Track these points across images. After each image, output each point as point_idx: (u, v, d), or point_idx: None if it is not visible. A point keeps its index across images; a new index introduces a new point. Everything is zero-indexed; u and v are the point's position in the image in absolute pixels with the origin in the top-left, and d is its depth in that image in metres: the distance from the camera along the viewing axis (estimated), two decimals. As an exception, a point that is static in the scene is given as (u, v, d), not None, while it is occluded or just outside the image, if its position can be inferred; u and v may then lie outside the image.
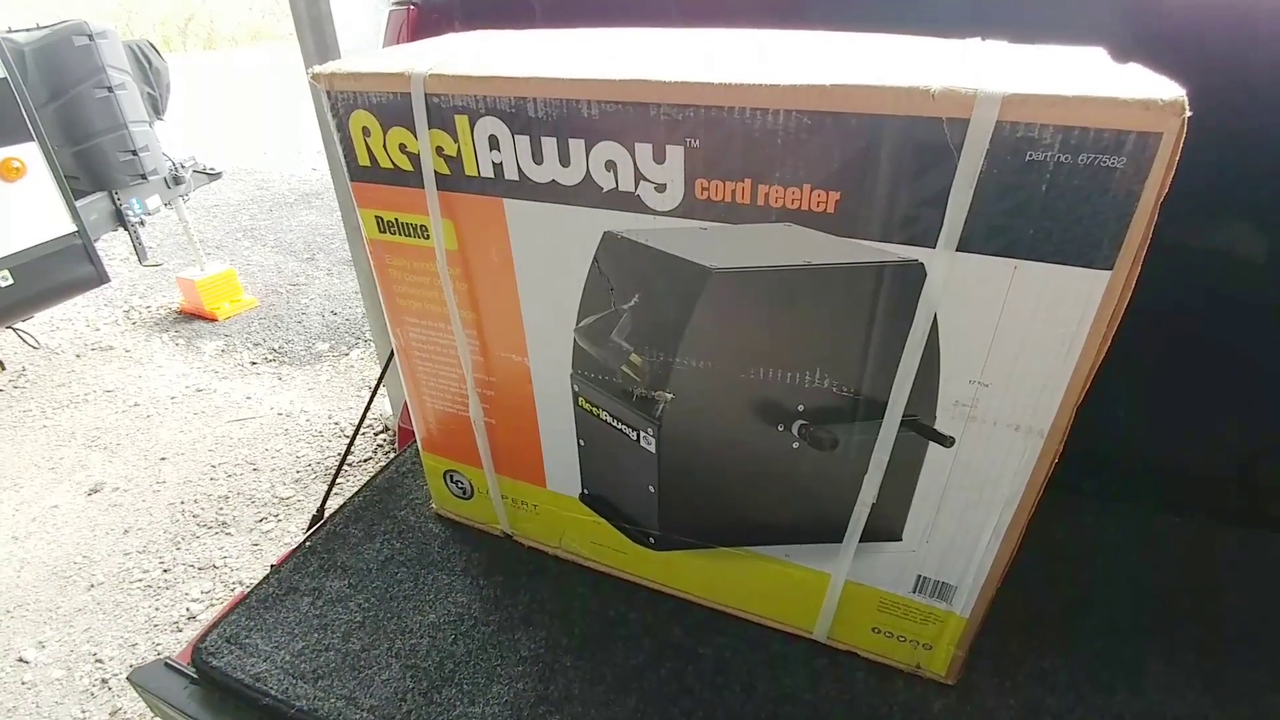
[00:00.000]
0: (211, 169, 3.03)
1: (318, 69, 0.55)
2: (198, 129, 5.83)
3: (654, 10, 0.85)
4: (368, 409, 1.05)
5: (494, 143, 0.52)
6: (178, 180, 2.80)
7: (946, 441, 0.50)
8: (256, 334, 2.93)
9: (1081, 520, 0.81)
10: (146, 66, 2.73)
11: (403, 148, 0.55)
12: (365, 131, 0.56)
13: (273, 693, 0.63)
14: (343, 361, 2.72)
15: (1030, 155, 0.39)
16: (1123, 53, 0.48)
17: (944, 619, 0.59)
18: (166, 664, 0.69)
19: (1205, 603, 0.72)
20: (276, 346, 2.83)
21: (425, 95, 0.52)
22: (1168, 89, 0.37)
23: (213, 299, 3.01)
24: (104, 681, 1.57)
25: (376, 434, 2.26)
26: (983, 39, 0.54)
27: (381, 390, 2.12)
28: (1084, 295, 0.41)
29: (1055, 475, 0.49)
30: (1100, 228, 0.39)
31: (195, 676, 0.67)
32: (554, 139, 0.50)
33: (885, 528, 0.56)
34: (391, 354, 0.72)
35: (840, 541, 0.59)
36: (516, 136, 0.51)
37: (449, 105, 0.52)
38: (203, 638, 0.69)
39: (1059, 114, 0.37)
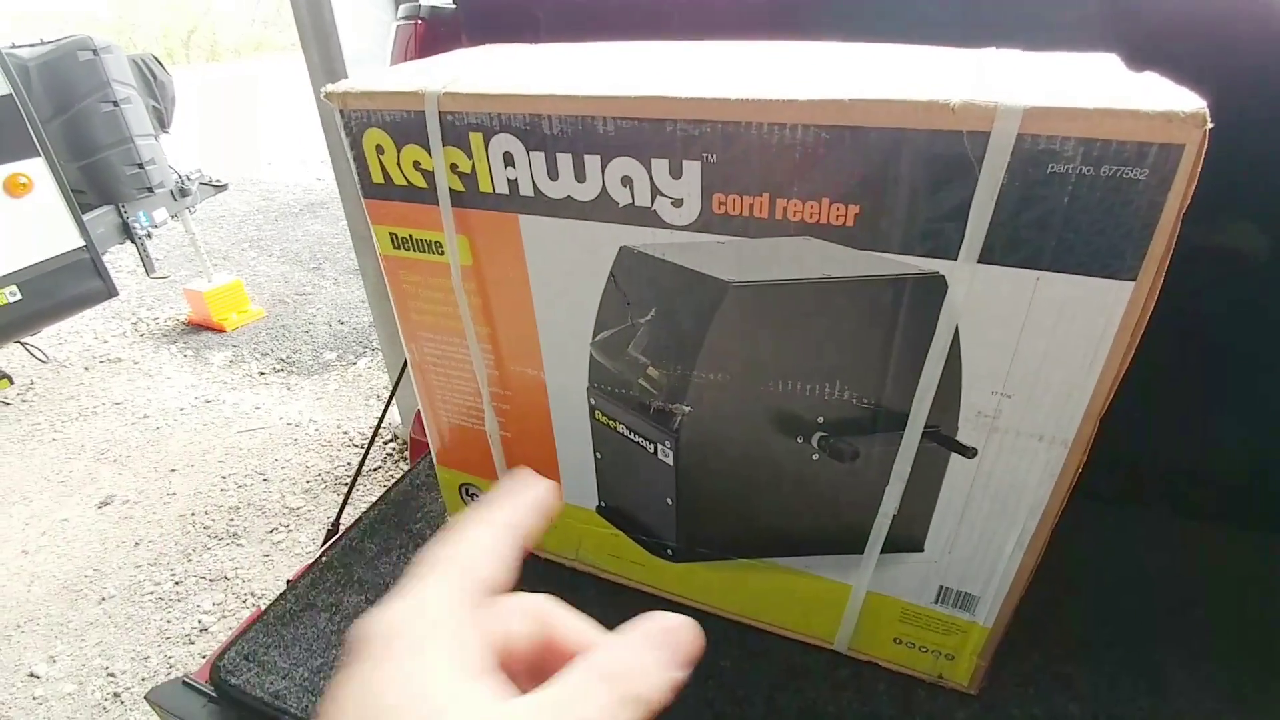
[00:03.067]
0: (217, 181, 3.05)
1: (331, 88, 0.55)
2: (203, 141, 5.85)
3: (658, 23, 0.85)
4: (379, 424, 1.05)
5: (509, 159, 0.52)
6: (184, 192, 2.82)
7: (969, 453, 0.50)
8: (264, 344, 2.94)
9: (1103, 527, 0.81)
10: (151, 80, 2.75)
11: (417, 165, 0.55)
12: (379, 149, 0.56)
13: (292, 710, 0.63)
14: (351, 371, 2.72)
15: (1052, 167, 0.39)
16: (1135, 58, 0.48)
17: (966, 629, 0.59)
18: (184, 682, 0.69)
19: (1230, 610, 0.71)
20: (284, 356, 2.84)
21: (439, 113, 0.52)
22: (1189, 100, 0.36)
23: (220, 310, 3.03)
24: (116, 695, 1.57)
25: (386, 443, 2.26)
26: (996, 48, 0.54)
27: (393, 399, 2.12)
28: (1107, 306, 0.41)
29: (1079, 481, 0.49)
30: (1123, 239, 0.39)
31: (214, 694, 0.67)
32: (569, 155, 0.50)
33: (907, 538, 0.56)
34: (404, 366, 0.72)
35: (861, 552, 0.58)
36: (531, 153, 0.51)
37: (463, 123, 0.52)
38: (220, 655, 0.69)
39: (1081, 126, 0.37)
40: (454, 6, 0.97)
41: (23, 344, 2.73)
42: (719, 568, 0.67)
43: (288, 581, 0.77)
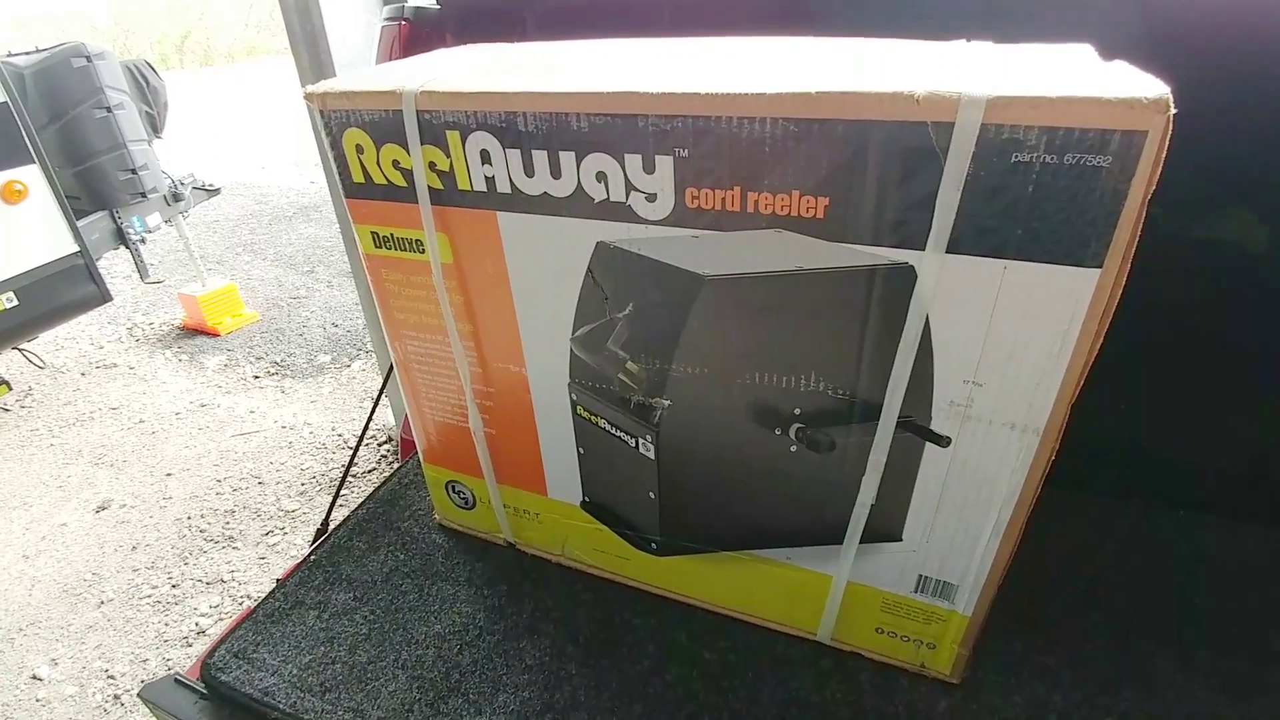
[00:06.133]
0: (210, 185, 3.05)
1: (310, 88, 0.56)
2: (196, 145, 5.86)
3: (643, 20, 0.86)
4: (368, 424, 1.06)
5: (486, 157, 0.52)
6: (177, 197, 2.82)
7: (943, 441, 0.50)
8: (258, 348, 2.94)
9: (1086, 517, 0.81)
10: (144, 85, 2.75)
11: (396, 164, 0.56)
12: (359, 149, 0.57)
13: (281, 706, 0.64)
14: (344, 373, 2.72)
15: (1016, 156, 0.39)
16: (1111, 48, 0.48)
17: (947, 618, 0.59)
18: (176, 680, 0.70)
19: (1210, 598, 0.72)
20: (279, 360, 2.84)
21: (417, 112, 0.52)
22: (1152, 86, 0.37)
23: (214, 314, 3.03)
24: (116, 698, 1.57)
25: (380, 444, 2.27)
26: (968, 40, 0.54)
27: (384, 401, 2.13)
28: (1074, 294, 0.42)
29: (1059, 472, 0.49)
30: (1088, 227, 0.40)
31: (205, 691, 0.68)
32: (545, 152, 0.50)
33: (885, 528, 0.57)
34: (392, 366, 0.72)
35: (841, 543, 0.59)
36: (508, 150, 0.51)
37: (440, 121, 0.52)
38: (211, 653, 0.69)
39: (1043, 115, 0.38)
40: (438, 7, 0.97)
41: (20, 350, 2.73)
42: (702, 560, 0.67)
43: (277, 580, 0.78)
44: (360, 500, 0.89)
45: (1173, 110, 0.36)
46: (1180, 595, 0.72)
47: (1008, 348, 0.45)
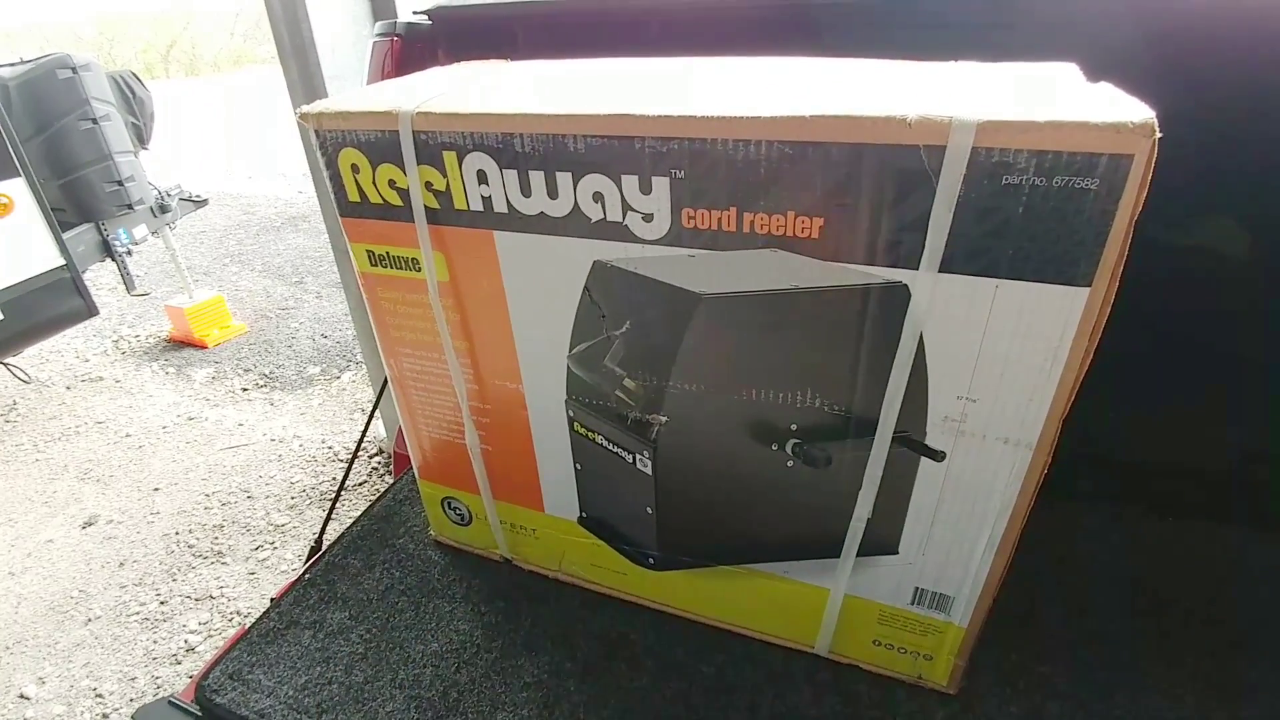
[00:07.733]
0: (197, 196, 3.03)
1: (306, 109, 0.56)
2: (183, 156, 5.82)
3: (635, 38, 0.87)
4: (361, 440, 1.05)
5: (482, 177, 0.53)
6: (164, 209, 2.80)
7: (937, 456, 0.51)
8: (247, 360, 2.92)
9: (1080, 526, 0.82)
10: (130, 97, 2.73)
11: (392, 183, 0.56)
12: (354, 168, 0.57)
13: (277, 728, 0.63)
14: (334, 385, 2.71)
15: (1006, 179, 0.40)
16: (1098, 65, 0.49)
17: (943, 629, 0.60)
18: (170, 702, 0.69)
19: (1204, 605, 0.73)
20: (267, 372, 2.82)
21: (413, 132, 0.52)
22: (1138, 111, 0.38)
23: (202, 326, 3.01)
24: (105, 717, 1.55)
25: (371, 457, 2.26)
26: (957, 61, 0.55)
27: (375, 413, 2.12)
28: (1064, 312, 0.42)
29: (1053, 481, 0.50)
30: (1077, 247, 0.40)
31: (199, 714, 0.67)
32: (541, 173, 0.50)
33: (881, 541, 0.57)
34: (386, 381, 0.72)
35: (838, 556, 0.59)
36: (504, 171, 0.52)
37: (436, 141, 0.52)
38: (206, 674, 0.69)
39: (1032, 139, 0.38)
40: (430, 23, 0.98)
41: (5, 364, 2.70)
42: (700, 575, 0.67)
43: (271, 599, 0.77)
44: (354, 516, 0.89)
45: (1158, 134, 0.37)
46: (1171, 600, 0.73)
47: (1000, 364, 0.46)
